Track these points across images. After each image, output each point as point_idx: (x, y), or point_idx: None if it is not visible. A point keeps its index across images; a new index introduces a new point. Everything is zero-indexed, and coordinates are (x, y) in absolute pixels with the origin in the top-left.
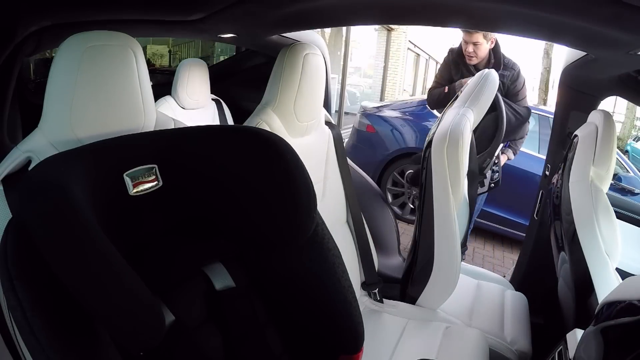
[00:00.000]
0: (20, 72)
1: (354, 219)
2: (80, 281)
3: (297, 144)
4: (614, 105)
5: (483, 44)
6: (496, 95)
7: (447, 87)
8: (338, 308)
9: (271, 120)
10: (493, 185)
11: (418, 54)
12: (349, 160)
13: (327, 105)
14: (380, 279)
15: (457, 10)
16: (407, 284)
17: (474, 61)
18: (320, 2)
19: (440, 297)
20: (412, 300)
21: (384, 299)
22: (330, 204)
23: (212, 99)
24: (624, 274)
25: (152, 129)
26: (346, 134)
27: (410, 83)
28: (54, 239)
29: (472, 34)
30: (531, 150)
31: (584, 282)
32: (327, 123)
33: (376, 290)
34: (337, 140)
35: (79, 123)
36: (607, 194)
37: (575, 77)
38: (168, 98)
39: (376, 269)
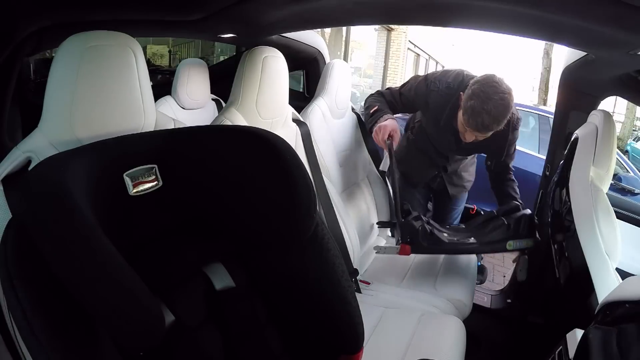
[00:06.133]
0: (20, 72)
1: (325, 212)
2: (80, 281)
3: None
4: (614, 105)
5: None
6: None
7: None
8: (338, 308)
9: (235, 118)
10: None
11: (418, 54)
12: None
13: None
14: (356, 269)
15: (457, 10)
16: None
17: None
18: (320, 2)
19: None
20: None
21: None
22: None
23: (212, 99)
24: (624, 274)
25: (152, 129)
26: None
27: None
28: (54, 240)
29: (486, 133)
30: (531, 150)
31: (584, 282)
32: (295, 120)
33: (353, 280)
34: (305, 136)
35: (79, 123)
36: (607, 194)
37: (575, 77)
38: (168, 98)
39: (352, 259)
